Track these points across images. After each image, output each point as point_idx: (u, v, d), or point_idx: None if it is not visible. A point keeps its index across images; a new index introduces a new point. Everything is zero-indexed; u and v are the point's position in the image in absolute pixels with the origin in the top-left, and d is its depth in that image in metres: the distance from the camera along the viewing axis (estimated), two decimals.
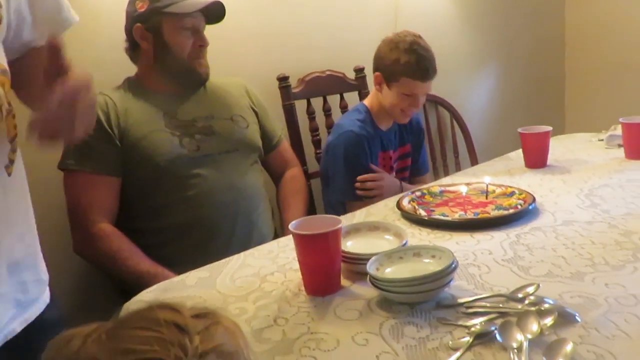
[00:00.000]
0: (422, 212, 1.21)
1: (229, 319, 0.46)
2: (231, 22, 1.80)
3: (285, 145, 1.71)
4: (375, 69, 1.64)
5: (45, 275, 0.87)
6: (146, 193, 1.36)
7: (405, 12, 2.23)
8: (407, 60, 1.55)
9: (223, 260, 1.09)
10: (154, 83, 1.44)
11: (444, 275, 0.80)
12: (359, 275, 0.92)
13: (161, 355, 0.38)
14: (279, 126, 1.70)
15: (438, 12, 2.40)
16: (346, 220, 1.21)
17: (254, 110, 1.59)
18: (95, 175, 1.32)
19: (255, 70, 1.84)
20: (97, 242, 1.28)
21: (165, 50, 1.40)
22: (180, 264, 1.15)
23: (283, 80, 1.82)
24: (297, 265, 0.93)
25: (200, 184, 1.37)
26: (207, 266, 1.07)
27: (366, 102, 1.70)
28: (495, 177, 1.47)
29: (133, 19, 1.41)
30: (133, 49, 1.45)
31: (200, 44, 1.44)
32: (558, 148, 1.77)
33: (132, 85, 1.44)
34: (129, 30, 1.42)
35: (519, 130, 1.58)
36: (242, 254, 1.12)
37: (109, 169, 1.33)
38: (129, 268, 1.27)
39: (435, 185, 1.43)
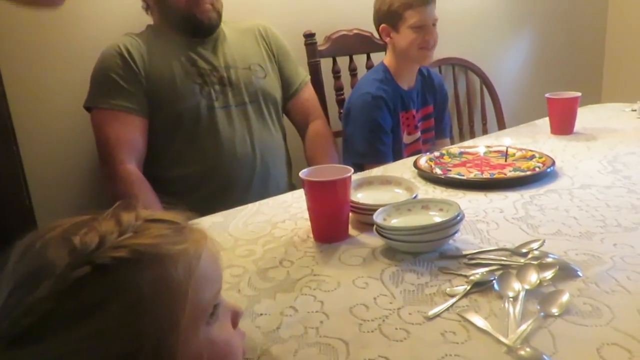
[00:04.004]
0: (438, 171, 1.21)
1: (198, 230, 0.46)
2: None
3: (307, 93, 1.66)
4: (379, 24, 1.64)
5: None
6: (165, 140, 1.39)
7: None
8: None
9: (238, 208, 1.12)
10: (170, 32, 1.45)
11: (449, 226, 0.81)
12: (367, 226, 0.93)
13: (71, 236, 0.40)
14: (301, 72, 1.66)
15: None
16: (362, 175, 1.22)
17: (272, 54, 1.57)
18: (125, 113, 1.34)
19: (282, 25, 1.82)
20: (118, 182, 1.31)
21: (164, 4, 1.41)
22: (198, 214, 1.18)
23: (309, 37, 1.81)
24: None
25: (218, 134, 1.39)
26: (223, 212, 1.10)
27: (385, 61, 1.69)
28: (518, 142, 1.45)
29: None
30: (146, 6, 1.47)
31: None
32: (588, 116, 1.73)
33: (154, 31, 1.46)
34: None
35: (546, 95, 1.55)
36: (257, 202, 1.15)
37: (137, 109, 1.36)
38: None
39: (455, 147, 1.42)
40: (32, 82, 1.50)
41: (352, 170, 0.91)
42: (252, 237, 0.95)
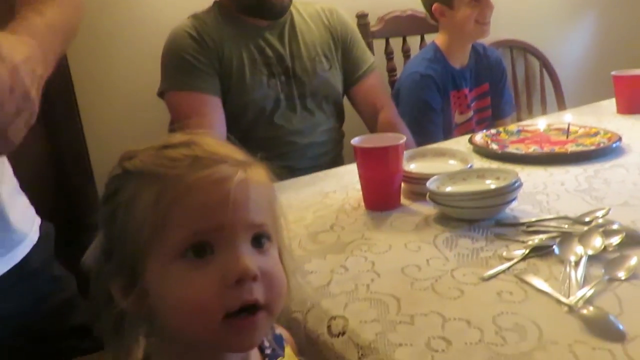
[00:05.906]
0: (495, 147, 1.17)
1: (227, 171, 0.45)
2: None
3: (373, 80, 1.54)
4: (431, 4, 1.59)
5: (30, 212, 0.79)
6: (227, 127, 1.33)
7: None
8: None
9: (292, 179, 1.12)
10: (238, 13, 1.38)
11: (506, 192, 0.78)
12: (420, 196, 0.91)
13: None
14: (368, 58, 1.55)
15: None
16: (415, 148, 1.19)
17: (338, 41, 1.49)
18: (203, 94, 1.30)
19: (334, 5, 1.81)
20: None
21: None
22: None
23: (362, 17, 1.78)
24: (360, 186, 0.94)
25: (278, 127, 1.36)
26: (275, 184, 1.10)
27: (436, 40, 1.64)
28: (581, 121, 1.37)
29: None
30: None
31: None
32: None
33: (220, 10, 1.39)
34: None
35: (612, 73, 1.47)
36: (309, 175, 1.15)
37: (215, 90, 1.32)
38: None
39: (513, 125, 1.37)
40: (97, 67, 1.55)
41: (405, 137, 0.89)
42: (303, 205, 0.95)
